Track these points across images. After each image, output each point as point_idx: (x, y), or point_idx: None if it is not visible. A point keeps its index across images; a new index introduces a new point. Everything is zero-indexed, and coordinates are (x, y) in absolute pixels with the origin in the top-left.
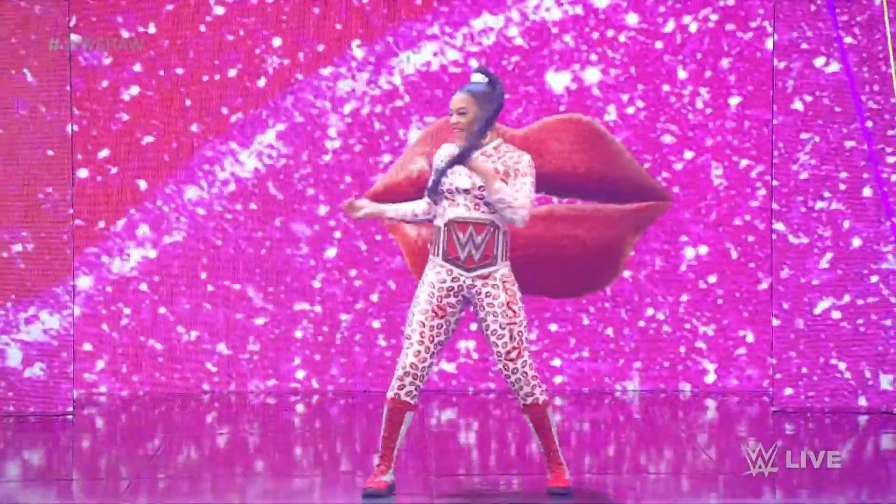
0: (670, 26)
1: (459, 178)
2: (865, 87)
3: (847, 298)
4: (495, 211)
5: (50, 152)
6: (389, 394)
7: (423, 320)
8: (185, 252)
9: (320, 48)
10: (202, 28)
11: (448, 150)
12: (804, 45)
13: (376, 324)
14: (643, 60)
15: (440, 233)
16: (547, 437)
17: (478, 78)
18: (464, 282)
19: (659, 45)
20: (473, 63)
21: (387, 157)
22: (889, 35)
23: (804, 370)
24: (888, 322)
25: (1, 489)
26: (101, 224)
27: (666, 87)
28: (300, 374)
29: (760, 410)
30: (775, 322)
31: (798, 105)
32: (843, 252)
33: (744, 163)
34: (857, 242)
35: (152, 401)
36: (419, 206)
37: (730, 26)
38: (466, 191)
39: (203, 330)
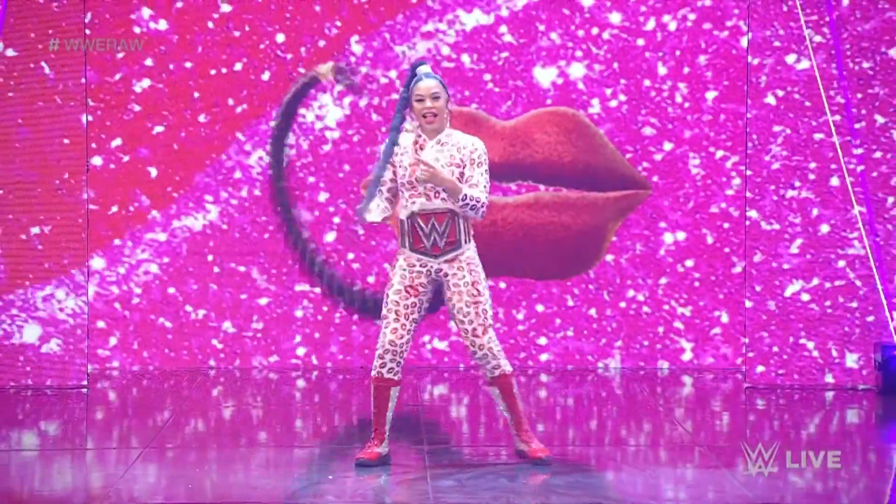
0: (651, 25)
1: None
2: (833, 83)
3: (816, 282)
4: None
5: (66, 141)
6: (373, 373)
7: (398, 300)
8: (192, 235)
9: (321, 43)
10: (210, 24)
11: (408, 139)
12: (777, 43)
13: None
14: (625, 57)
15: (404, 225)
16: (514, 406)
17: (428, 68)
18: (432, 266)
19: (640, 42)
20: (465, 58)
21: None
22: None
23: (775, 349)
24: (854, 304)
25: (19, 457)
26: (114, 209)
27: (647, 82)
28: (301, 351)
29: (734, 386)
30: (748, 303)
31: (770, 99)
32: (812, 238)
33: (719, 154)
34: (825, 229)
35: (162, 375)
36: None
37: (707, 25)
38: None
39: (209, 309)
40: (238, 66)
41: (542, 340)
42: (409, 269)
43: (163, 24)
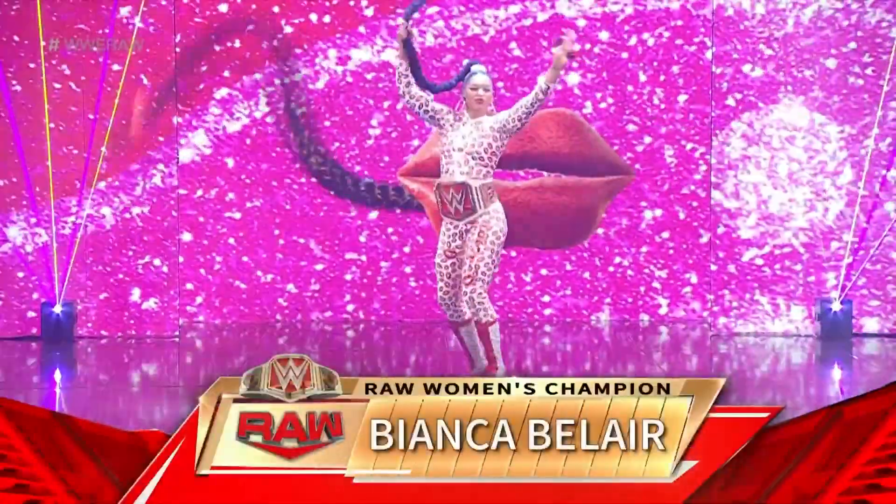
0: (633, 41)
1: (457, 139)
2: (781, 88)
3: (767, 249)
4: (474, 169)
5: (161, 138)
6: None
7: (440, 262)
8: (262, 214)
9: (366, 57)
10: (275, 43)
11: (451, 115)
12: (735, 56)
13: (408, 269)
14: (612, 67)
15: (436, 196)
16: (486, 345)
17: (482, 67)
18: (459, 227)
19: (624, 55)
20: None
21: (416, 142)
22: None
23: (735, 303)
24: (798, 267)
25: (125, 393)
26: (199, 192)
27: (630, 88)
28: (350, 308)
29: (701, 334)
30: (713, 267)
31: (731, 101)
32: (765, 214)
33: (689, 146)
34: (775, 206)
35: (238, 327)
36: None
37: (678, 41)
38: (460, 149)
39: (276, 273)
40: (298, 77)
41: (546, 298)
42: (446, 235)
43: (237, 43)
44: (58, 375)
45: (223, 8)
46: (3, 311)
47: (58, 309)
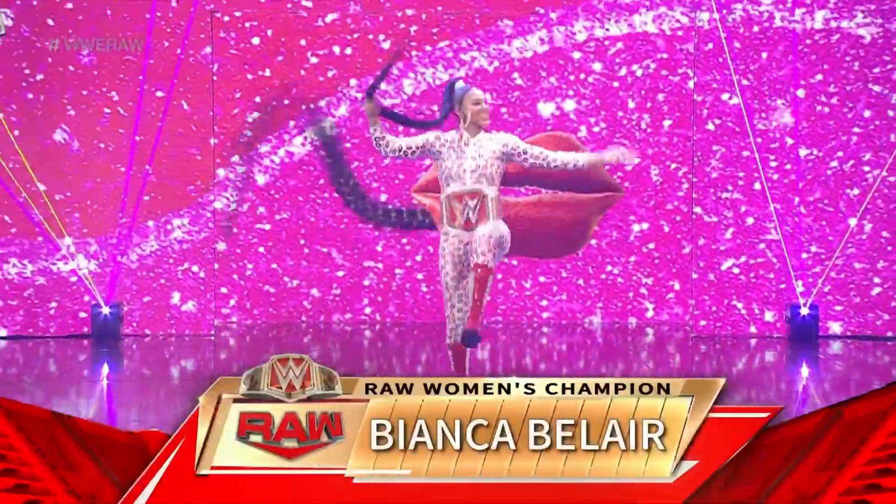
0: (623, 71)
1: (467, 160)
2: (756, 115)
3: (743, 259)
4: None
5: (198, 157)
6: (449, 341)
7: (452, 284)
8: (289, 225)
9: (382, 86)
10: (302, 72)
11: (450, 136)
12: (715, 85)
13: (420, 276)
14: (604, 95)
15: (443, 206)
16: (480, 293)
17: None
18: (464, 243)
19: (615, 84)
20: (487, 96)
21: (427, 161)
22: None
23: (714, 308)
24: (771, 275)
25: (167, 384)
26: (233, 206)
27: (620, 113)
28: (368, 310)
29: (683, 336)
30: (694, 275)
31: (710, 126)
32: (741, 227)
33: (673, 166)
34: (750, 221)
35: (267, 327)
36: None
37: (664, 72)
38: (473, 171)
39: (301, 279)
40: (322, 103)
41: (544, 302)
42: (451, 253)
43: (268, 72)
44: (105, 370)
45: (255, 41)
46: (57, 313)
47: (106, 310)
